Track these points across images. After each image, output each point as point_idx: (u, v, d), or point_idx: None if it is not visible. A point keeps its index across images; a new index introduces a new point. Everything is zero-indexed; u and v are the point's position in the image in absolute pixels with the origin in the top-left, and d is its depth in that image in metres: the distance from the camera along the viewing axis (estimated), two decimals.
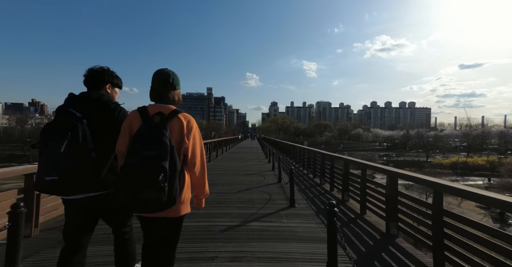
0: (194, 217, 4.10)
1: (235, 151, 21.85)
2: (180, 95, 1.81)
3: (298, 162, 12.85)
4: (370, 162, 5.60)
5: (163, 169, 1.41)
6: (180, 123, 1.61)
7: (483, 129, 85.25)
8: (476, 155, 72.46)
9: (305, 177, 9.37)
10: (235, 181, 7.71)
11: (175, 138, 1.58)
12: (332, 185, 7.06)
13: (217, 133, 74.75)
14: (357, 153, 73.41)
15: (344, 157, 6.81)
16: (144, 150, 1.44)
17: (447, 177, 43.63)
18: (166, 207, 1.49)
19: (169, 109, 1.66)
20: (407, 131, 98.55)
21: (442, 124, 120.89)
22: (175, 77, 1.75)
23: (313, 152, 10.03)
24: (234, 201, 5.32)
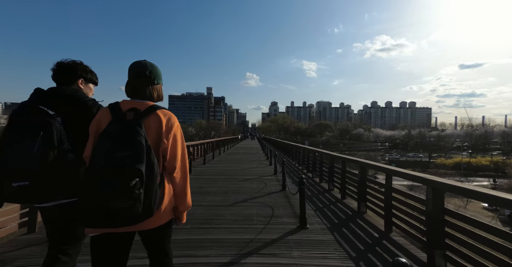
0: None
1: (233, 151, 20.64)
2: (160, 91, 1.56)
3: (301, 164, 11.68)
4: (398, 168, 4.43)
5: (138, 173, 1.15)
6: (158, 121, 1.37)
7: (485, 129, 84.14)
8: (479, 155, 71.56)
9: (310, 180, 8.20)
10: (231, 188, 6.51)
11: (152, 137, 1.34)
12: (344, 192, 5.92)
13: (216, 133, 74.28)
14: (359, 152, 72.59)
15: (360, 160, 5.63)
16: (114, 150, 1.17)
17: (451, 177, 42.66)
18: (141, 219, 1.23)
19: (145, 105, 1.41)
20: (408, 131, 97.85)
21: (443, 124, 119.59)
22: (153, 69, 1.49)
23: (321, 153, 8.85)
24: (227, 219, 4.12)
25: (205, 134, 74.30)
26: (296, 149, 14.09)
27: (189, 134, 79.65)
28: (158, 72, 1.54)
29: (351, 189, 5.86)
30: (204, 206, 4.82)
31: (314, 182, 8.16)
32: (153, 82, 1.50)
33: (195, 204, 4.83)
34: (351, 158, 6.71)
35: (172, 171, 1.43)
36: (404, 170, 3.82)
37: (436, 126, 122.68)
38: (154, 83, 1.51)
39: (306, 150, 11.10)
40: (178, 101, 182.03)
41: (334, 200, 5.88)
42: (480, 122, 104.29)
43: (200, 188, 6.44)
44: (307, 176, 9.41)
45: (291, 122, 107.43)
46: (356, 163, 5.71)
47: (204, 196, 5.67)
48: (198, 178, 8.00)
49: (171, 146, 1.41)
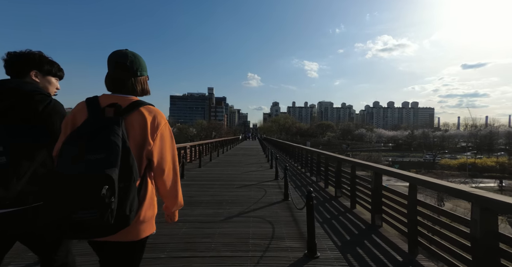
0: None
1: (233, 152, 19.82)
2: (145, 85, 1.35)
3: (304, 166, 10.87)
4: (425, 177, 3.62)
5: (109, 179, 0.98)
6: (142, 119, 1.20)
7: (490, 129, 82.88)
8: (484, 155, 70.57)
9: (314, 185, 7.37)
10: (226, 197, 5.69)
11: (135, 137, 1.18)
12: (354, 201, 5.26)
13: (217, 133, 73.81)
14: (361, 153, 71.60)
15: (375, 165, 4.85)
16: (84, 153, 1.02)
17: (457, 178, 41.69)
18: (115, 230, 1.06)
19: (128, 100, 1.24)
20: (411, 132, 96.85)
21: (446, 125, 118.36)
22: (135, 59, 1.30)
23: (326, 156, 8.03)
24: (217, 242, 3.27)
25: (206, 134, 73.92)
26: (298, 150, 13.25)
27: (190, 134, 79.32)
28: (142, 62, 1.34)
29: (362, 197, 5.09)
30: (190, 222, 4.00)
31: (319, 187, 7.33)
32: (136, 73, 1.31)
33: (180, 220, 4.02)
34: (362, 162, 5.90)
35: (161, 174, 1.26)
36: (432, 179, 3.18)
37: (439, 126, 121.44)
38: (137, 75, 1.31)
39: (310, 152, 10.27)
40: (179, 101, 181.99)
41: (343, 209, 5.12)
42: (484, 123, 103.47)
43: (191, 197, 5.62)
44: (310, 180, 8.58)
45: (292, 123, 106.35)
46: (369, 168, 4.96)
47: (194, 207, 4.85)
48: (191, 184, 7.18)
49: (158, 147, 1.24)
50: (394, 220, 3.88)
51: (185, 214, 4.36)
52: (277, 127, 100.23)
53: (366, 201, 5.07)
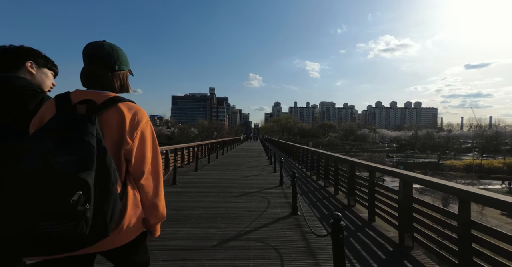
0: None
1: (233, 154, 18.82)
2: (125, 80, 1.23)
3: (310, 169, 9.87)
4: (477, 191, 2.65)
5: (82, 184, 0.85)
6: (119, 116, 1.07)
7: (496, 129, 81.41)
8: (490, 156, 69.36)
9: (323, 191, 6.37)
10: (222, 209, 4.70)
11: (112, 136, 1.05)
12: (373, 212, 4.20)
13: (219, 133, 73.11)
14: (364, 154, 70.42)
15: (404, 173, 3.89)
16: (51, 154, 0.87)
17: (463, 180, 40.61)
18: (91, 241, 0.92)
19: (104, 96, 1.10)
20: (415, 132, 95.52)
21: (450, 125, 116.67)
22: (113, 52, 1.17)
23: (342, 160, 7.05)
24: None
25: (207, 135, 73.24)
26: (303, 151, 12.25)
27: (191, 134, 78.58)
28: (121, 55, 1.19)
29: (383, 208, 4.26)
30: (171, 250, 3.00)
31: (328, 193, 6.32)
32: (113, 67, 1.16)
33: (158, 246, 3.04)
34: (382, 167, 4.92)
35: (139, 177, 1.12)
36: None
37: (442, 127, 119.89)
38: (115, 69, 1.17)
39: (316, 154, 9.27)
40: (181, 101, 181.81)
41: (360, 222, 4.09)
42: (488, 123, 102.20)
43: (179, 210, 4.63)
44: (317, 185, 7.57)
45: (294, 123, 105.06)
46: (392, 175, 4.10)
47: (180, 225, 3.86)
48: (182, 191, 6.19)
49: (137, 146, 1.10)
50: None
51: (167, 236, 3.37)
52: (279, 128, 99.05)
53: (387, 212, 4.15)
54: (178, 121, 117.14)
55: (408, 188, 3.83)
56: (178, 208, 4.70)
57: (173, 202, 5.01)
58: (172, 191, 6.15)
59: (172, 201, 5.07)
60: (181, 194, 5.92)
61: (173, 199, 5.28)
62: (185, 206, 4.92)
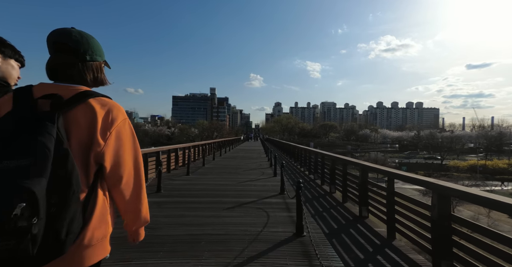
0: None
1: (231, 155, 17.88)
2: (99, 73, 1.08)
3: (314, 172, 8.95)
4: None
5: (28, 194, 0.71)
6: (90, 113, 0.93)
7: (500, 129, 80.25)
8: (494, 157, 68.40)
9: (328, 198, 5.43)
10: (208, 229, 3.73)
11: (80, 137, 0.91)
12: (393, 228, 3.24)
13: (219, 134, 72.42)
14: (365, 154, 69.36)
15: (441, 184, 3.00)
16: (1, 158, 0.75)
17: (468, 181, 39.64)
18: (43, 261, 0.79)
19: (73, 90, 0.96)
20: (417, 132, 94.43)
21: (453, 125, 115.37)
22: (83, 40, 1.02)
23: (355, 164, 6.13)
24: None
25: (207, 135, 72.54)
26: (305, 153, 11.32)
27: (191, 134, 77.75)
28: (93, 44, 1.05)
29: (415, 230, 3.29)
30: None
31: (336, 201, 5.37)
32: (84, 57, 1.02)
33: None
34: (419, 177, 3.98)
35: (116, 182, 0.98)
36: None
37: (443, 127, 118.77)
38: (86, 60, 1.03)
39: (324, 157, 8.34)
40: (182, 102, 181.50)
41: (378, 241, 3.16)
42: (490, 123, 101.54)
43: (155, 228, 3.69)
44: (323, 190, 6.63)
45: (295, 123, 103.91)
46: (428, 186, 3.18)
47: (150, 254, 2.92)
48: (166, 202, 5.25)
49: (113, 148, 0.96)
50: None
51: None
52: (280, 128, 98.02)
53: (413, 230, 3.29)
54: (178, 122, 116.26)
55: (445, 204, 2.94)
56: (154, 226, 3.76)
57: (151, 217, 4.08)
58: (153, 201, 5.22)
59: (150, 215, 4.14)
60: (163, 205, 4.98)
61: (151, 213, 4.35)
62: (163, 223, 3.98)
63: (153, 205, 4.89)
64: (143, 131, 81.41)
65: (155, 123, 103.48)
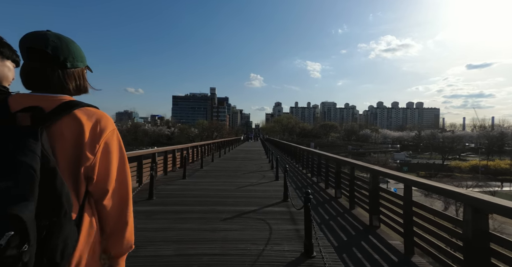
0: None
1: (231, 156, 17.36)
2: (81, 80, 0.99)
3: (317, 175, 8.43)
4: None
5: (15, 221, 0.66)
6: (76, 126, 0.86)
7: (502, 130, 79.73)
8: (495, 157, 68.02)
9: (334, 204, 4.90)
10: (199, 248, 3.19)
11: (66, 152, 0.84)
12: (410, 241, 2.76)
13: (219, 134, 71.99)
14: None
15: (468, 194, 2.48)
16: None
17: (471, 182, 39.16)
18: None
19: (55, 101, 0.88)
20: (418, 133, 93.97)
21: (454, 125, 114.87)
22: (62, 45, 0.92)
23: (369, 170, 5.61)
24: None
25: (207, 135, 72.10)
26: (307, 154, 10.79)
27: (191, 134, 77.27)
28: (73, 49, 0.94)
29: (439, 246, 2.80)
30: None
31: (343, 208, 4.85)
32: (64, 64, 0.91)
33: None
34: (445, 187, 3.45)
35: (101, 196, 0.90)
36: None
37: (444, 127, 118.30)
38: (67, 67, 0.92)
39: (331, 160, 7.82)
40: (182, 101, 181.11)
41: (395, 258, 2.65)
42: (490, 123, 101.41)
43: (138, 248, 3.16)
44: (328, 195, 6.11)
45: (296, 123, 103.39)
46: (459, 199, 2.69)
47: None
48: (156, 211, 4.73)
49: (101, 161, 0.89)
50: None
51: None
52: (280, 128, 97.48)
53: (437, 247, 2.84)
54: (178, 121, 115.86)
55: (482, 220, 2.45)
56: (139, 244, 3.24)
57: (136, 231, 3.57)
58: (142, 210, 4.71)
59: (135, 229, 3.63)
60: (153, 215, 4.46)
61: (138, 225, 3.84)
62: (150, 238, 3.46)
63: (142, 216, 4.37)
64: (143, 131, 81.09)
65: (155, 123, 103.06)
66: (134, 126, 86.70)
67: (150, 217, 4.35)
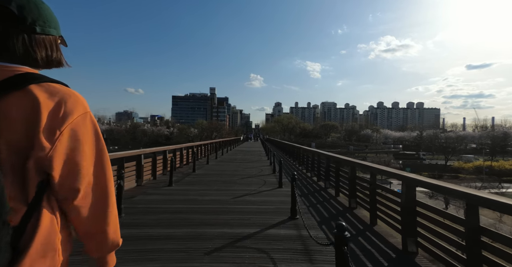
0: None
1: (229, 157, 16.12)
2: (55, 51, 0.84)
3: (325, 180, 7.19)
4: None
5: None
6: (29, 104, 0.70)
7: (505, 130, 78.69)
8: (498, 158, 66.98)
9: (350, 217, 3.69)
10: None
11: (10, 136, 0.68)
12: None
13: (218, 134, 70.95)
14: (367, 155, 67.77)
15: None
16: None
17: (473, 183, 38.05)
18: None
19: (8, 72, 0.72)
20: (420, 133, 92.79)
21: (455, 125, 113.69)
22: (30, 4, 0.76)
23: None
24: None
25: (207, 135, 71.05)
26: (313, 155, 9.55)
27: (190, 134, 76.09)
28: (44, 11, 0.79)
29: None
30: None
31: (362, 223, 3.62)
32: (32, 28, 0.76)
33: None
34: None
35: (71, 196, 0.74)
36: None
37: (444, 127, 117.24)
38: (35, 31, 0.77)
39: (342, 162, 6.62)
40: (182, 102, 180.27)
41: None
42: (491, 124, 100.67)
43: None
44: (340, 205, 4.89)
45: (296, 123, 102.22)
46: None
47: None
48: (129, 233, 3.51)
49: (65, 152, 0.73)
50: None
51: None
52: (281, 128, 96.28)
53: None
54: (178, 122, 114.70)
55: None
56: None
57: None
58: None
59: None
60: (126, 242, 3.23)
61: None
62: None
63: None
64: (141, 131, 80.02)
65: (154, 123, 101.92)
66: (133, 127, 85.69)
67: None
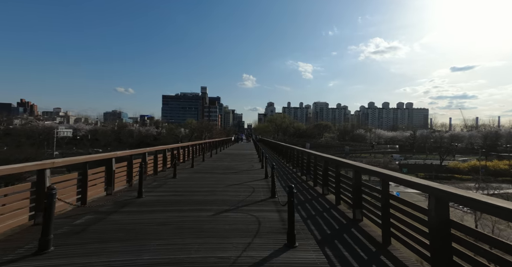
0: None
1: (216, 159, 14.32)
2: None
3: (323, 185, 5.57)
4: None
5: None
6: None
7: (496, 129, 79.10)
8: (491, 157, 66.87)
9: (352, 229, 2.11)
10: None
11: None
12: None
13: (209, 134, 68.51)
14: (362, 155, 66.86)
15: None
16: None
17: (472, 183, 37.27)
18: None
19: None
20: (413, 133, 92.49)
21: (444, 125, 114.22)
22: None
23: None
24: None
25: (197, 135, 68.58)
26: (309, 158, 7.94)
27: (179, 135, 73.15)
28: None
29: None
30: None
31: (366, 236, 2.03)
32: None
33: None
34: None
35: None
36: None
37: (432, 127, 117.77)
38: None
39: (341, 165, 4.98)
40: (172, 101, 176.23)
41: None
42: (475, 124, 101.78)
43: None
44: (340, 213, 3.28)
45: (290, 123, 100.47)
46: None
47: None
48: None
49: None
50: None
51: None
52: (274, 128, 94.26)
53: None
54: (168, 122, 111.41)
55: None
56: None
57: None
58: None
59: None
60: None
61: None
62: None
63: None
64: (128, 132, 76.54)
65: (143, 124, 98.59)
66: (119, 127, 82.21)
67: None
